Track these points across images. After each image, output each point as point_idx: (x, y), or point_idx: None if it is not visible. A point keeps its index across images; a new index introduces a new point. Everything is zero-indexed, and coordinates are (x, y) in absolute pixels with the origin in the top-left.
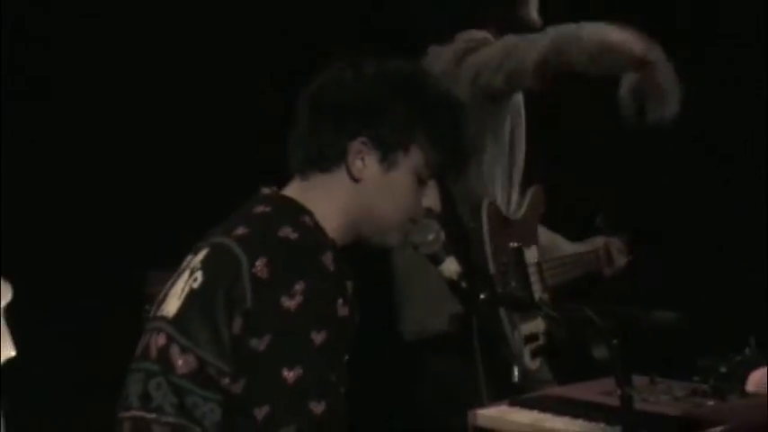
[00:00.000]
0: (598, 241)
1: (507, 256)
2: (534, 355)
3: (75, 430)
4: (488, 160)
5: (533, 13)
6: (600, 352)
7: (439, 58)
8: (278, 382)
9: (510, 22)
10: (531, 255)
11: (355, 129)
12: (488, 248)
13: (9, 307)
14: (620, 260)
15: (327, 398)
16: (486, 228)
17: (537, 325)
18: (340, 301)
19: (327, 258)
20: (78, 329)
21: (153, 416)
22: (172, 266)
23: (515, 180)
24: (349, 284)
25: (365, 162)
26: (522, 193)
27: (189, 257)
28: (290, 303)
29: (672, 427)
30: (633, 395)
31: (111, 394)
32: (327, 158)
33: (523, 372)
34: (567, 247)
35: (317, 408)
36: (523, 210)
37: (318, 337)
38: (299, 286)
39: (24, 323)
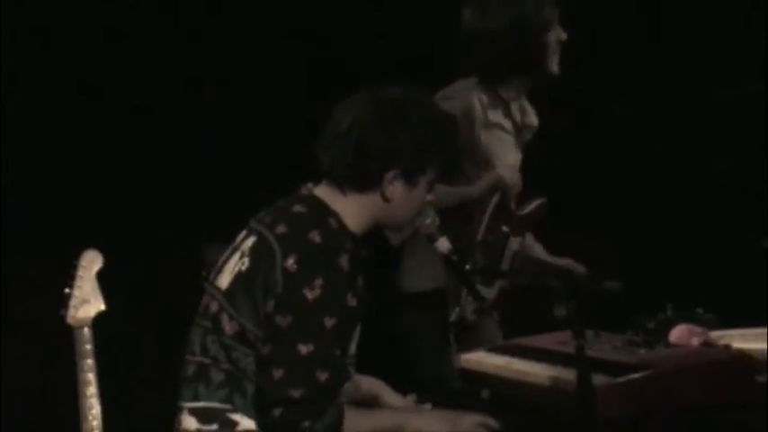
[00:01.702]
0: (565, 261)
1: (495, 235)
2: (475, 311)
3: (153, 370)
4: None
5: (554, 66)
6: (560, 311)
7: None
8: (293, 353)
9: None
10: (515, 243)
11: (391, 165)
12: (485, 224)
13: (99, 272)
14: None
15: (331, 369)
16: (490, 210)
17: (487, 292)
18: (350, 294)
19: (344, 260)
20: (152, 290)
21: (211, 362)
22: (225, 240)
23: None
24: (359, 280)
25: (395, 186)
26: (529, 198)
27: (242, 235)
28: (310, 294)
29: (613, 370)
30: (584, 345)
31: (178, 339)
32: (366, 185)
33: (461, 316)
34: (540, 255)
35: (322, 376)
36: (525, 211)
37: (329, 322)
38: (318, 281)
39: (109, 286)
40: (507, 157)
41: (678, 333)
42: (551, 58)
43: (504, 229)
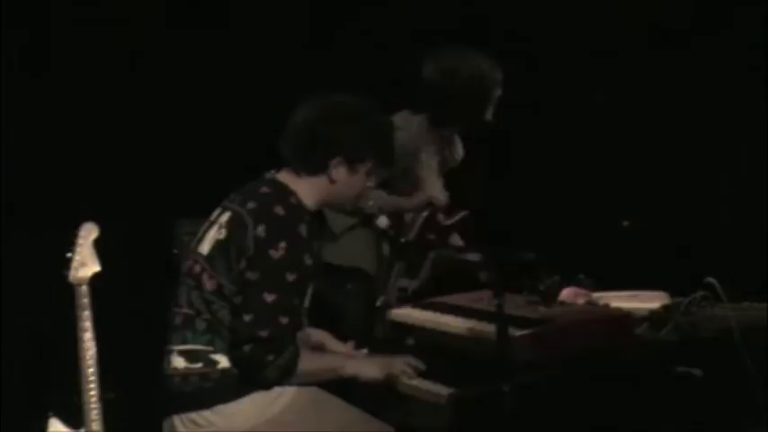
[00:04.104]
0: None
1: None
2: (400, 300)
3: (139, 319)
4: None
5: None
6: (484, 276)
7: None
8: (261, 300)
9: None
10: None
11: (335, 153)
12: (415, 232)
13: (95, 240)
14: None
15: (291, 314)
16: (420, 222)
17: (408, 282)
18: (307, 255)
19: (302, 228)
20: (132, 258)
21: (195, 313)
22: (196, 216)
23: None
24: (315, 244)
25: (338, 171)
26: (453, 212)
27: (217, 212)
28: (275, 254)
29: (523, 324)
30: (503, 303)
31: (154, 297)
32: (316, 169)
33: (387, 303)
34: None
35: (283, 320)
36: (449, 222)
37: (291, 277)
38: (282, 244)
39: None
40: (431, 182)
41: (567, 293)
42: (490, 110)
43: (431, 237)
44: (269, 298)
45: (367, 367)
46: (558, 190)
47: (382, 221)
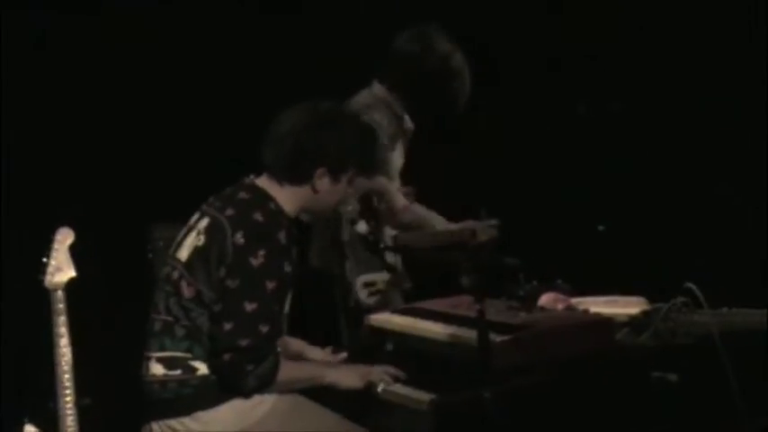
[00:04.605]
0: (468, 223)
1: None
2: (370, 294)
3: (114, 325)
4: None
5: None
6: (466, 281)
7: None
8: (240, 309)
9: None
10: (390, 230)
11: (320, 164)
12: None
13: (71, 245)
14: (482, 237)
15: (271, 322)
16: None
17: (374, 276)
18: (286, 263)
19: (282, 235)
20: (107, 262)
21: (173, 319)
22: (171, 220)
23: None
24: (294, 251)
25: (322, 181)
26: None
27: (196, 217)
28: (254, 262)
29: (504, 330)
30: (485, 309)
31: (130, 303)
32: (300, 178)
33: (356, 302)
34: (439, 224)
35: (264, 329)
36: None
37: (270, 285)
38: (261, 252)
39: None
40: (397, 163)
41: (546, 299)
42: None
43: (371, 223)
44: (249, 307)
45: (346, 376)
46: (535, 195)
47: (361, 227)
